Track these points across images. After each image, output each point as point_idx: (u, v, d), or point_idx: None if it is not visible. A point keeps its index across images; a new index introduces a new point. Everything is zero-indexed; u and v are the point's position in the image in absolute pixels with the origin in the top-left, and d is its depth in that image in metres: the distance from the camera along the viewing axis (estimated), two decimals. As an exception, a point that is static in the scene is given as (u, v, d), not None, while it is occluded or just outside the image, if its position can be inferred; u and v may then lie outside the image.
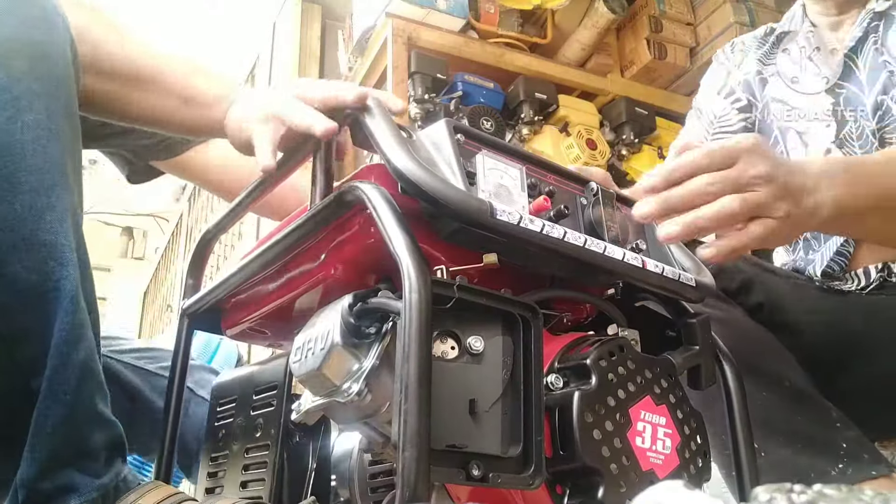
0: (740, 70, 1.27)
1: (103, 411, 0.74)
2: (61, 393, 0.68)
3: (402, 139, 0.60)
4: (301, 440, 0.78)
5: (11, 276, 0.66)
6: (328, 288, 0.65)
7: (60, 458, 0.69)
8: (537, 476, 0.53)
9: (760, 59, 1.25)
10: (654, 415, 0.61)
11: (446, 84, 2.04)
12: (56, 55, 0.71)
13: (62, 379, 0.68)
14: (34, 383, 0.69)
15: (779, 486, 0.35)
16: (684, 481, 0.42)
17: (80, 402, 0.70)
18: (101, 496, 0.70)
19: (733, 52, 1.30)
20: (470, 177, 0.61)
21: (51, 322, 0.68)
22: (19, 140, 0.67)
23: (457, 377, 0.53)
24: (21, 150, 0.67)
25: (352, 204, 0.60)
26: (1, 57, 0.67)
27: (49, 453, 0.68)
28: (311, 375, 0.59)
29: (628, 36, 2.46)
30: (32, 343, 0.68)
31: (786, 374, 0.89)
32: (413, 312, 0.48)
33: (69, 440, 0.69)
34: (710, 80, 1.33)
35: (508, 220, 0.56)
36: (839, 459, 0.82)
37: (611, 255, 0.63)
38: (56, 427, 0.68)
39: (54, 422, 0.68)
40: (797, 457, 0.84)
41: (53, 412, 0.68)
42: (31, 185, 0.67)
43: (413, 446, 0.45)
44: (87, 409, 0.71)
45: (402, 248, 0.51)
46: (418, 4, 2.07)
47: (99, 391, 0.73)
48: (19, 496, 0.67)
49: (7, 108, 0.67)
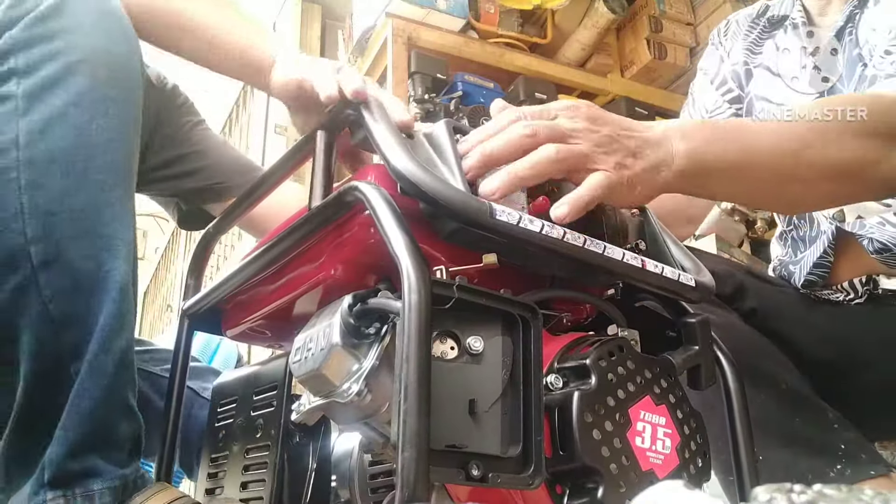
0: (730, 59, 1.25)
1: (132, 404, 0.76)
2: (99, 377, 0.71)
3: (401, 139, 0.60)
4: (301, 440, 0.78)
5: (69, 262, 0.71)
6: (328, 288, 0.65)
7: (90, 441, 0.70)
8: (537, 476, 0.53)
9: (748, 49, 1.21)
10: (653, 415, 0.61)
11: (446, 84, 2.04)
12: (131, 68, 0.79)
13: (102, 364, 0.71)
14: (73, 367, 0.71)
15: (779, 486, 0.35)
16: (684, 481, 0.42)
17: (115, 390, 0.72)
18: (122, 486, 0.71)
19: (726, 35, 1.27)
20: (469, 177, 0.61)
21: (98, 309, 0.72)
22: (93, 140, 0.73)
23: (456, 377, 0.53)
24: (93, 149, 0.73)
25: (351, 204, 0.60)
26: (88, 64, 0.74)
27: (80, 435, 0.70)
28: (311, 376, 0.59)
29: (628, 36, 2.46)
30: (78, 328, 0.71)
31: (782, 377, 0.89)
32: (412, 313, 0.48)
33: (100, 425, 0.71)
34: (705, 64, 1.30)
35: (508, 220, 0.56)
36: (837, 460, 0.82)
37: (610, 255, 0.63)
38: (91, 410, 0.70)
39: (89, 405, 0.70)
40: (796, 459, 0.83)
41: (90, 395, 0.70)
42: (98, 182, 0.74)
43: (412, 446, 0.45)
44: (119, 398, 0.74)
45: (402, 248, 0.51)
46: (418, 4, 2.07)
47: (131, 383, 0.76)
48: (46, 474, 0.69)
49: (87, 111, 0.73)
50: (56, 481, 0.69)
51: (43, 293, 0.70)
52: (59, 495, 0.68)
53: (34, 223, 0.70)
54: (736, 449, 0.67)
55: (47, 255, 0.70)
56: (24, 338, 0.70)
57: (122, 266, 0.73)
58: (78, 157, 0.72)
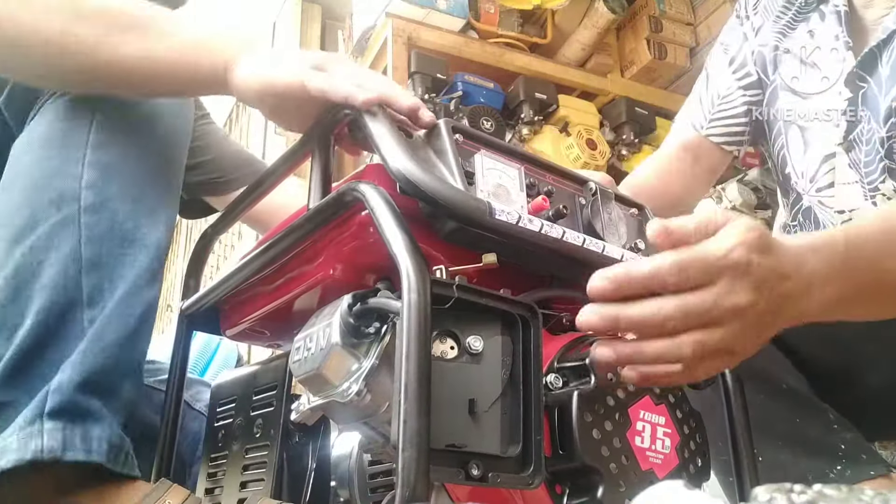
0: (757, 38, 1.15)
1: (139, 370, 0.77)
2: (125, 318, 0.73)
3: (400, 139, 0.60)
4: (301, 440, 0.77)
5: (113, 213, 0.76)
6: (327, 288, 0.65)
7: (101, 380, 0.70)
8: (537, 476, 0.53)
9: (781, 31, 1.11)
10: (653, 414, 0.61)
11: (446, 84, 2.04)
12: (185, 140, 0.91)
13: (130, 304, 0.74)
14: (86, 315, 0.71)
15: (779, 486, 0.35)
16: (684, 481, 0.42)
17: (133, 340, 0.74)
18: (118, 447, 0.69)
19: (755, 10, 1.16)
20: (469, 177, 0.61)
21: (129, 262, 0.75)
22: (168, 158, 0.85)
23: (456, 377, 0.53)
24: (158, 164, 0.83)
25: (351, 204, 0.60)
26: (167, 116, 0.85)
27: (97, 365, 0.70)
28: (311, 375, 0.59)
29: (628, 36, 2.46)
30: (103, 273, 0.74)
31: (782, 378, 0.89)
32: (412, 313, 0.48)
33: (113, 368, 0.71)
34: (727, 39, 1.21)
35: (507, 219, 0.56)
36: (837, 461, 0.82)
37: (609, 254, 0.63)
38: (114, 342, 0.71)
39: (112, 338, 0.71)
40: (796, 459, 0.83)
41: (115, 327, 0.72)
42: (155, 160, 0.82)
43: (412, 446, 0.45)
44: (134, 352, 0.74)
45: (401, 248, 0.51)
46: (418, 4, 2.07)
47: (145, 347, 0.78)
48: (48, 402, 0.66)
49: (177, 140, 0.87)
50: (58, 412, 0.66)
51: (81, 232, 0.73)
52: (59, 427, 0.65)
53: (92, 172, 0.76)
54: (736, 449, 0.67)
55: (95, 201, 0.75)
56: (48, 272, 0.71)
57: (160, 232, 0.78)
58: (142, 132, 0.80)
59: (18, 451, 0.63)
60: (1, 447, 0.64)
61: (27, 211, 0.73)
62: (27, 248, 0.72)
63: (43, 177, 0.75)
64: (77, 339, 0.69)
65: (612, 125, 2.29)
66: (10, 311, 0.70)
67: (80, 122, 0.78)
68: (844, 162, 1.02)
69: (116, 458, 0.67)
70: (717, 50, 1.24)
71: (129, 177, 0.77)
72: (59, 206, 0.73)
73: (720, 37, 1.24)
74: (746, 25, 1.18)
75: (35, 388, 0.67)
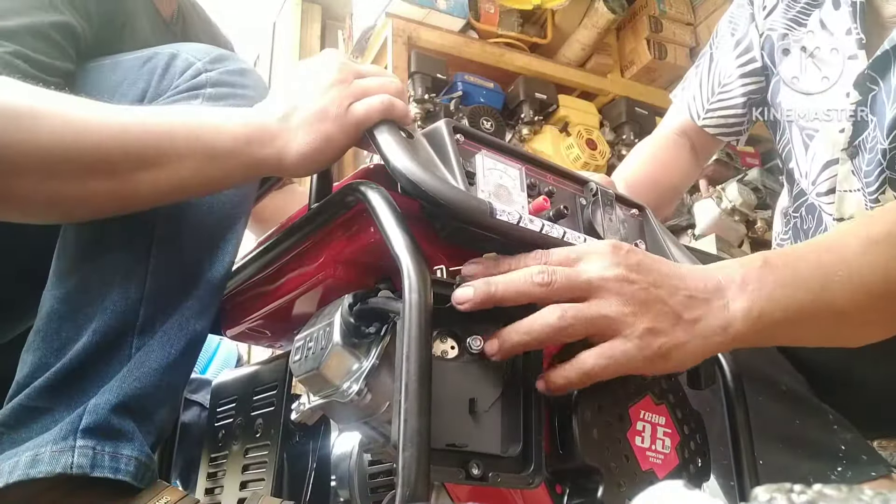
0: (766, 20, 1.08)
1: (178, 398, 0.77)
2: (169, 345, 0.72)
3: (401, 139, 0.60)
4: (301, 440, 0.77)
5: (182, 245, 0.74)
6: (328, 288, 0.65)
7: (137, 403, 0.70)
8: (537, 475, 0.53)
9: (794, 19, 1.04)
10: (653, 414, 0.61)
11: (446, 84, 2.04)
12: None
13: (175, 336, 0.73)
14: (135, 342, 0.71)
15: (779, 486, 0.35)
16: (684, 481, 0.42)
17: (176, 367, 0.73)
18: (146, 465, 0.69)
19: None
20: (469, 177, 0.61)
21: (184, 293, 0.74)
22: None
23: (457, 376, 0.53)
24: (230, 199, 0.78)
25: (351, 204, 0.60)
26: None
27: (135, 390, 0.69)
28: (311, 375, 0.59)
29: (628, 36, 2.46)
30: (160, 303, 0.72)
31: (781, 379, 0.88)
32: (413, 312, 0.48)
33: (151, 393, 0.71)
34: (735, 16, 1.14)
35: (508, 220, 0.56)
36: (838, 462, 0.81)
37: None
38: (153, 370, 0.70)
39: (153, 366, 0.71)
40: (797, 461, 0.82)
41: (157, 356, 0.71)
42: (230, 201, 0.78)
43: (413, 446, 0.45)
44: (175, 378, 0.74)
45: (402, 248, 0.51)
46: (418, 4, 2.07)
47: (186, 376, 0.77)
48: (84, 420, 0.67)
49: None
50: (92, 430, 0.67)
51: (150, 263, 0.72)
52: (90, 446, 0.66)
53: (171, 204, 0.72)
54: (736, 449, 0.67)
55: (168, 233, 0.73)
56: (112, 297, 0.71)
57: (217, 269, 0.76)
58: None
59: (50, 465, 0.65)
60: (34, 456, 0.65)
61: (98, 230, 0.72)
62: (96, 267, 0.72)
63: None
64: (122, 364, 0.70)
65: (612, 125, 2.29)
66: (66, 325, 0.70)
67: None
68: (848, 168, 0.98)
69: (143, 476, 0.69)
70: (724, 29, 1.17)
71: (201, 215, 0.75)
72: (132, 235, 0.72)
73: (728, 12, 1.18)
74: (757, 4, 1.12)
75: (74, 402, 0.68)
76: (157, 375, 0.71)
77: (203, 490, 0.84)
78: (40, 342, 0.70)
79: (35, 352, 0.70)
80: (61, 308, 0.71)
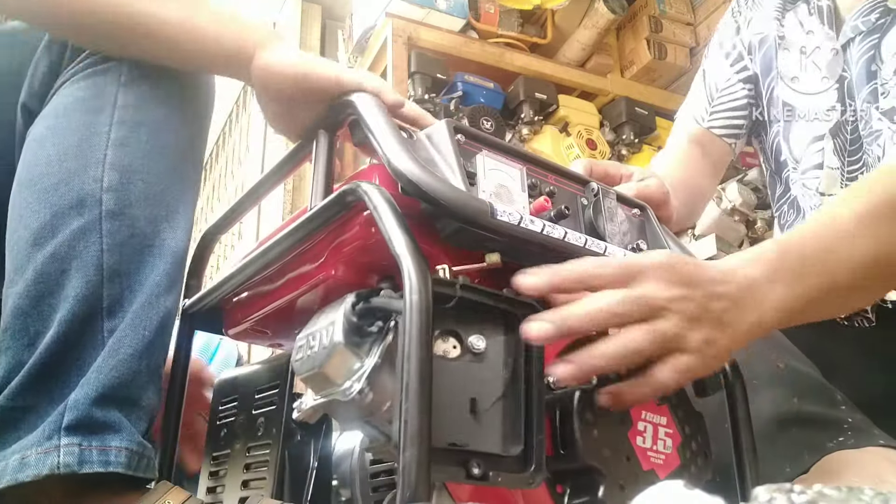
0: (749, 29, 1.16)
1: (161, 375, 0.76)
2: (142, 329, 0.71)
3: (402, 139, 0.60)
4: (302, 439, 0.78)
5: (133, 219, 0.74)
6: (329, 288, 0.65)
7: (119, 392, 0.69)
8: (538, 475, 0.53)
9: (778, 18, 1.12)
10: (655, 415, 0.62)
11: (446, 84, 2.04)
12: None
13: (147, 316, 0.72)
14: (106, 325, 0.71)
15: (779, 486, 0.35)
16: (685, 481, 0.42)
17: (153, 349, 0.72)
18: (138, 454, 0.69)
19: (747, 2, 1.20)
20: (470, 177, 0.61)
21: (148, 269, 0.74)
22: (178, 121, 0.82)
23: (458, 376, 0.53)
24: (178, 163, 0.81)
25: (352, 204, 0.60)
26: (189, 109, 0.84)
27: (112, 380, 0.68)
28: (313, 374, 0.59)
29: (628, 36, 2.46)
30: (123, 282, 0.72)
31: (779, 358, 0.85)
32: (414, 312, 0.48)
33: (132, 379, 0.70)
34: (721, 35, 1.22)
35: (509, 220, 0.56)
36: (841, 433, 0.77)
37: (611, 255, 0.64)
38: (128, 358, 0.70)
39: (128, 352, 0.70)
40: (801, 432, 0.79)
41: (130, 343, 0.70)
42: (174, 158, 0.80)
43: (414, 445, 0.46)
44: (155, 360, 0.73)
45: (403, 248, 0.52)
46: (418, 4, 2.07)
47: (165, 352, 0.76)
48: (66, 418, 0.66)
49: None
50: (75, 427, 0.66)
51: (103, 240, 0.72)
52: (76, 443, 0.65)
53: (113, 175, 0.74)
54: (737, 449, 0.67)
55: (117, 205, 0.73)
56: (72, 282, 0.70)
57: (178, 236, 0.77)
58: (162, 128, 0.78)
59: (36, 467, 0.64)
60: (21, 459, 0.65)
61: (47, 213, 0.72)
62: (49, 254, 0.71)
63: (62, 178, 0.73)
64: (96, 350, 0.69)
65: (612, 125, 2.29)
66: (32, 318, 0.69)
67: (100, 117, 0.76)
68: (830, 147, 1.05)
69: (138, 465, 0.68)
70: (713, 47, 1.25)
71: (150, 178, 0.76)
72: (81, 212, 0.72)
73: (716, 34, 1.26)
74: (739, 19, 1.20)
75: (56, 397, 0.67)
76: (136, 361, 0.70)
77: (205, 489, 0.84)
78: (10, 341, 0.69)
79: (7, 351, 0.69)
80: (23, 303, 0.70)
